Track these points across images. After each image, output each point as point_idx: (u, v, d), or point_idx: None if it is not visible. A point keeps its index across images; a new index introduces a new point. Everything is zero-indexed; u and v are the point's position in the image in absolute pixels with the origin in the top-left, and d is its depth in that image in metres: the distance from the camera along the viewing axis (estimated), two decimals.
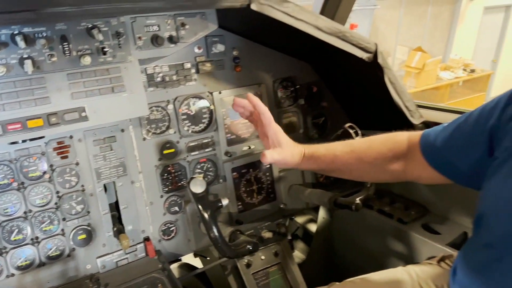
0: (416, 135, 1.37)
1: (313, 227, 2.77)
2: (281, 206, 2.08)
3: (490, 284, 1.08)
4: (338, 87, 2.16)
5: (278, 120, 2.03)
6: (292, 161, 1.50)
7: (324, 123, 2.20)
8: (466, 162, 1.18)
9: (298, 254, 2.97)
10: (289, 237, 2.93)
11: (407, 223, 2.06)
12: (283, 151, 1.47)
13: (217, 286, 2.06)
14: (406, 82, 11.02)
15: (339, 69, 2.02)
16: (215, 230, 1.48)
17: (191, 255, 2.40)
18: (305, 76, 2.10)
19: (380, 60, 1.76)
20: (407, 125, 1.90)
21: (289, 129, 2.09)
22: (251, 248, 1.56)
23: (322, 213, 2.58)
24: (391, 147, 1.40)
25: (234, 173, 1.95)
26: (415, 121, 1.89)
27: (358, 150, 1.45)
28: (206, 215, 1.48)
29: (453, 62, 11.73)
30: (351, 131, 1.78)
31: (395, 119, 1.92)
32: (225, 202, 1.52)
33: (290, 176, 2.11)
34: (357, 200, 1.73)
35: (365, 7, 9.42)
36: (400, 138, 1.41)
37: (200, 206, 1.49)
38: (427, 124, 1.92)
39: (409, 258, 1.98)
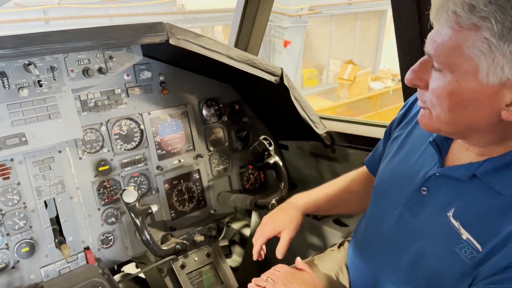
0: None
1: (247, 232, 3.05)
2: (211, 211, 2.33)
3: (365, 256, 1.41)
4: (256, 104, 2.47)
5: (205, 135, 2.31)
6: (299, 223, 1.67)
7: (247, 136, 2.49)
8: None
9: (236, 258, 3.24)
10: (227, 243, 3.21)
11: (320, 219, 2.39)
12: (287, 231, 1.63)
13: (155, 286, 2.27)
14: (340, 93, 11.74)
15: (256, 90, 2.33)
16: (146, 233, 1.71)
17: (133, 266, 2.60)
18: (227, 95, 2.40)
19: (285, 82, 2.09)
20: (314, 135, 2.25)
21: (216, 143, 2.36)
22: (179, 247, 1.81)
23: (254, 218, 2.86)
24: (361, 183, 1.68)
25: (166, 185, 2.18)
26: (320, 131, 2.24)
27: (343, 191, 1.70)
28: (138, 221, 1.71)
29: (382, 73, 12.64)
30: (265, 142, 2.10)
31: (304, 130, 2.26)
32: (154, 208, 1.76)
33: (218, 184, 2.38)
34: (273, 201, 2.04)
35: (298, 25, 10.01)
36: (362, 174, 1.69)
37: (132, 214, 1.71)
38: (330, 134, 2.28)
39: (323, 248, 2.31)
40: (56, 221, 1.87)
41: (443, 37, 0.92)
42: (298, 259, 1.51)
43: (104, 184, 1.98)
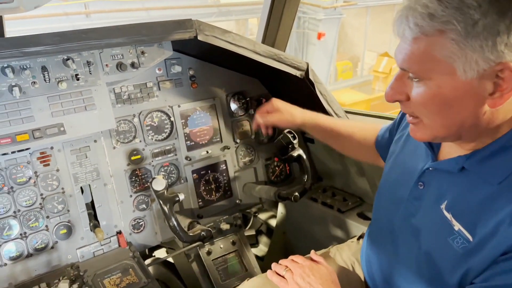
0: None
1: (274, 222, 3.12)
2: (237, 201, 2.41)
3: (377, 248, 1.45)
4: (283, 98, 2.51)
5: (232, 128, 2.39)
6: (292, 120, 1.93)
7: (273, 129, 2.54)
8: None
9: (262, 248, 3.32)
10: (254, 233, 3.29)
11: (344, 212, 2.43)
12: (279, 114, 1.95)
13: (183, 272, 2.38)
14: (374, 86, 11.52)
15: (282, 84, 2.38)
16: (173, 220, 1.81)
17: (163, 251, 2.72)
18: (254, 89, 2.46)
19: (311, 76, 2.13)
20: None
21: (242, 136, 2.43)
22: (204, 234, 1.90)
23: (280, 209, 2.93)
24: (366, 137, 1.77)
25: (194, 175, 2.28)
26: None
27: (348, 130, 1.84)
28: (165, 208, 1.81)
29: None
30: (289, 135, 2.14)
31: None
32: (181, 197, 1.85)
33: (244, 175, 2.45)
34: (296, 193, 2.09)
35: (332, 16, 9.89)
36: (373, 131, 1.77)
37: (160, 201, 1.82)
38: None
39: (345, 240, 2.34)
40: (91, 206, 2.00)
41: (412, 49, 0.97)
42: (313, 252, 1.56)
43: (136, 172, 2.09)
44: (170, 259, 2.47)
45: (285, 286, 1.44)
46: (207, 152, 2.30)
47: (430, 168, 1.19)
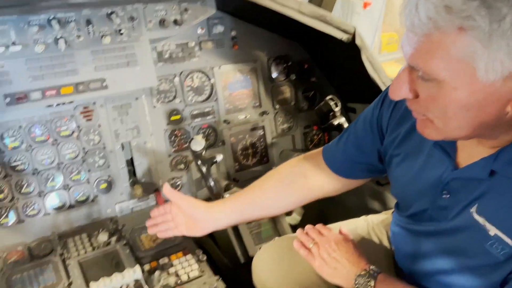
0: (314, 154, 1.53)
1: None
2: (274, 168, 2.38)
3: (405, 231, 1.35)
4: (326, 64, 2.43)
5: (271, 93, 2.34)
6: (197, 205, 1.55)
7: (313, 96, 2.47)
8: (365, 160, 1.38)
9: (296, 217, 3.30)
10: None
11: (383, 185, 2.36)
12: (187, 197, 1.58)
13: (217, 234, 2.41)
14: None
15: (326, 49, 2.29)
16: (210, 180, 1.81)
17: None
18: (297, 54, 2.38)
19: (357, 41, 2.02)
20: None
21: (282, 102, 2.38)
22: None
23: None
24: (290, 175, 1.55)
25: (232, 138, 2.26)
26: None
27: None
28: (203, 169, 1.81)
29: None
30: (331, 102, 2.08)
31: (374, 93, 2.19)
32: (219, 158, 1.84)
33: (282, 142, 2.42)
34: None
35: None
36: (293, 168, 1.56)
37: (198, 161, 1.81)
38: None
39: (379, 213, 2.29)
40: (131, 163, 2.03)
41: (423, 45, 0.82)
42: (342, 228, 1.49)
43: (175, 132, 2.10)
44: None
45: (311, 260, 1.40)
46: (246, 116, 2.27)
47: (454, 178, 1.05)
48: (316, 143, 2.54)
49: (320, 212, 2.87)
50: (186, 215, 1.53)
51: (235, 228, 2.25)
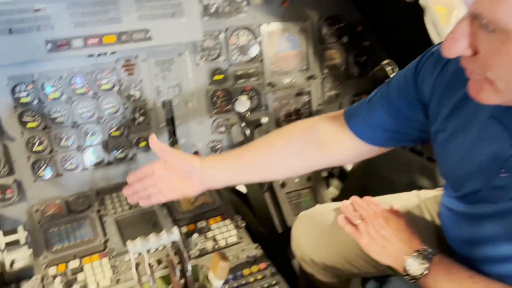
0: (333, 116, 1.35)
1: (349, 166, 2.94)
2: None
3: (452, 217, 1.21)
4: (381, 28, 2.24)
5: (320, 56, 2.18)
6: (191, 162, 1.34)
7: (365, 62, 2.30)
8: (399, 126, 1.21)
9: (333, 191, 3.18)
10: (326, 174, 3.15)
11: (435, 161, 2.19)
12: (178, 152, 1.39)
13: (255, 202, 2.32)
14: None
15: (383, 10, 2.10)
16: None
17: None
18: (350, 15, 2.20)
19: (421, 1, 1.83)
20: None
21: (331, 66, 2.22)
22: None
23: None
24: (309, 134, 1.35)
25: (276, 103, 2.14)
26: None
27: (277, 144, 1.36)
28: (247, 131, 1.71)
29: None
30: (388, 67, 1.90)
31: None
32: (264, 120, 1.73)
33: (327, 110, 2.26)
34: None
35: None
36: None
37: (242, 124, 1.71)
38: None
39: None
40: (171, 122, 1.95)
41: None
42: (394, 205, 1.35)
43: (218, 93, 2.00)
44: (243, 188, 2.42)
45: (358, 237, 1.29)
46: (292, 80, 2.13)
47: None
48: None
49: (361, 187, 2.73)
50: (176, 173, 1.33)
51: (274, 197, 2.17)
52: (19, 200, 1.71)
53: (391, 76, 1.89)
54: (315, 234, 1.55)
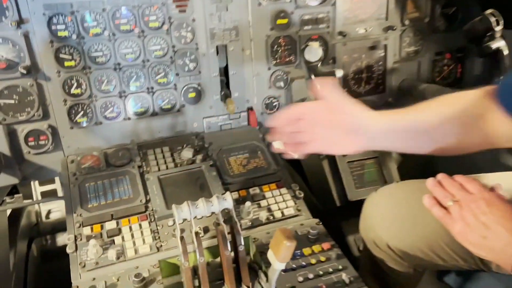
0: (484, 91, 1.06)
1: None
2: (389, 100, 1.95)
3: None
4: None
5: (402, 4, 1.84)
6: (361, 109, 1.12)
7: (454, 14, 1.93)
8: None
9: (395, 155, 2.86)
10: None
11: None
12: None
13: (309, 170, 2.07)
14: None
15: None
16: None
17: None
18: None
19: None
20: None
21: (414, 17, 1.88)
22: None
23: None
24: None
25: (345, 56, 1.84)
26: None
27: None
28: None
29: None
30: (492, 18, 1.55)
31: None
32: (339, 73, 1.44)
33: (404, 69, 1.95)
34: None
35: None
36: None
37: (312, 75, 1.42)
38: None
39: None
40: (224, 72, 1.71)
41: None
42: (499, 185, 1.05)
43: (279, 41, 1.71)
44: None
45: (449, 222, 1.02)
46: (366, 30, 1.81)
47: None
48: (445, 76, 2.03)
49: (433, 163, 2.40)
50: (342, 125, 1.09)
51: (333, 166, 1.92)
52: (54, 149, 1.55)
53: (496, 29, 1.54)
54: (393, 216, 1.30)
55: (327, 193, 1.92)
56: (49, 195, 2.14)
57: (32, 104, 1.48)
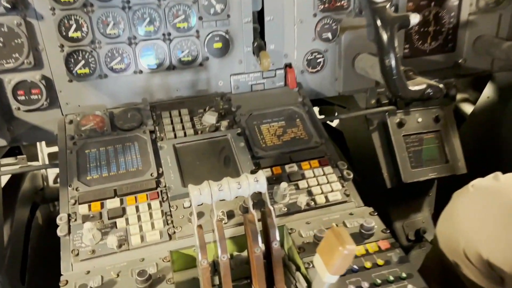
0: None
1: (467, 108, 2.23)
2: (459, 61, 1.59)
3: None
4: None
5: None
6: None
7: None
8: None
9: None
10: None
11: None
12: None
13: (353, 142, 1.76)
14: None
15: None
16: (392, 56, 1.07)
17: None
18: None
19: None
20: None
21: None
22: (431, 93, 1.15)
23: (489, 92, 2.01)
24: None
25: (410, 3, 1.48)
26: None
27: None
28: (384, 34, 1.07)
29: None
30: None
31: None
32: (415, 19, 1.08)
33: (481, 23, 1.58)
34: None
35: None
36: None
37: (378, 20, 1.07)
38: None
39: None
40: (259, 18, 1.40)
41: None
42: None
43: None
44: (334, 122, 1.86)
45: None
46: None
47: None
48: None
49: (486, 130, 2.00)
50: None
51: (386, 139, 1.61)
52: (50, 106, 1.30)
53: None
54: (500, 221, 0.97)
55: (375, 172, 1.62)
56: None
57: (20, 49, 1.21)
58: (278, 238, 0.88)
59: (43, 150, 2.01)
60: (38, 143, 1.97)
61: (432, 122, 1.63)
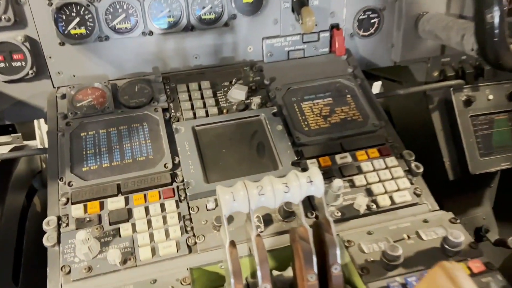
0: None
1: None
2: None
3: None
4: None
5: None
6: None
7: None
8: None
9: None
10: None
11: None
12: None
13: (402, 123, 1.49)
14: None
15: None
16: (496, 9, 0.78)
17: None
18: None
19: None
20: None
21: None
22: None
23: None
24: None
25: None
26: None
27: None
28: None
29: None
30: None
31: None
32: None
33: None
34: None
35: None
36: None
37: None
38: None
39: None
40: None
41: None
42: None
43: None
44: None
45: None
46: None
47: None
48: None
49: None
50: None
51: (450, 121, 1.35)
52: (37, 75, 1.05)
53: None
54: None
55: (434, 160, 1.35)
56: None
57: None
58: (339, 260, 0.65)
59: (41, 127, 1.77)
60: (35, 121, 1.74)
61: (505, 100, 1.34)
